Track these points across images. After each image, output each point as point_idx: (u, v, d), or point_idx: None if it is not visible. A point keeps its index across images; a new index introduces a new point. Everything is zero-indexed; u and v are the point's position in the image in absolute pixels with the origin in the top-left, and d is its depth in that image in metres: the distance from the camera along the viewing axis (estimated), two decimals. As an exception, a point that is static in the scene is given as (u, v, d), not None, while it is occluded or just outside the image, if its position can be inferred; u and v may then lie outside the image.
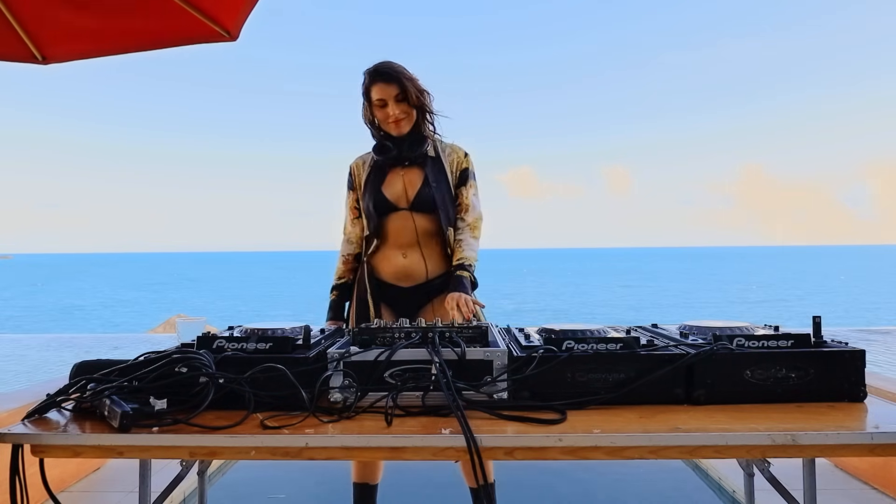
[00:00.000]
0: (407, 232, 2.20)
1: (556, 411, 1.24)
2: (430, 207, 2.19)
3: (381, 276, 2.24)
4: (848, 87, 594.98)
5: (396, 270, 2.21)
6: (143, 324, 21.12)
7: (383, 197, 2.21)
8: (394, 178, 2.24)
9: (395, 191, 2.22)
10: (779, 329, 1.46)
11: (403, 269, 2.20)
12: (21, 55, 2.43)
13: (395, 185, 2.23)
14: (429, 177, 2.21)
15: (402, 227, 2.20)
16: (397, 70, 2.15)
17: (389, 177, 2.24)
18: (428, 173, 2.21)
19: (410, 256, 2.20)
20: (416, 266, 2.20)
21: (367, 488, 2.22)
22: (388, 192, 2.22)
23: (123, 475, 3.01)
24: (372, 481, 2.23)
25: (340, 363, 1.31)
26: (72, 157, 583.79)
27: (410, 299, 2.21)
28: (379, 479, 2.25)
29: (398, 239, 2.21)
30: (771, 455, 1.15)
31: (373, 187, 2.25)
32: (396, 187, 2.22)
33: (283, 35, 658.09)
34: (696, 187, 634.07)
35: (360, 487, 2.22)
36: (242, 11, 2.30)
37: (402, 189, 2.21)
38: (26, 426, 1.20)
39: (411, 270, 2.20)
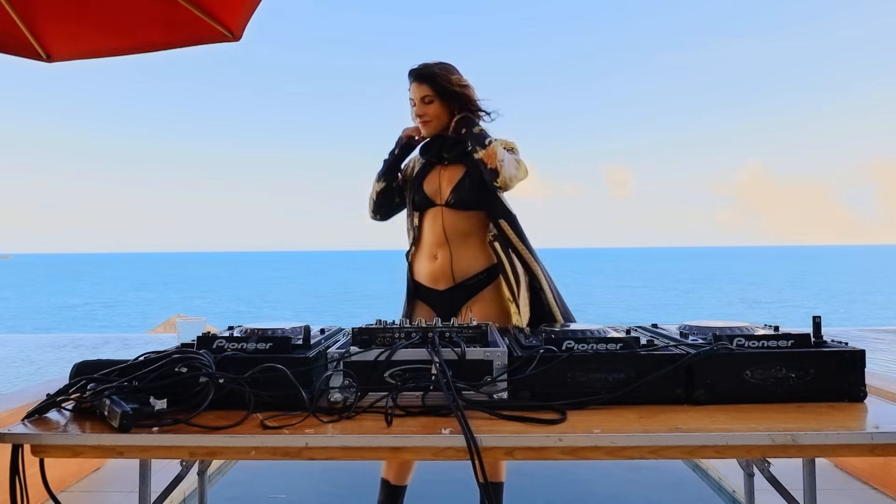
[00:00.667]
0: (438, 230, 2.19)
1: (556, 411, 1.24)
2: (466, 204, 2.17)
3: (418, 278, 2.25)
4: (848, 87, 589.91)
5: (430, 272, 2.21)
6: (143, 324, 21.13)
7: (423, 193, 2.23)
8: (433, 174, 2.26)
9: (433, 187, 2.23)
10: (779, 329, 1.46)
11: (434, 271, 2.20)
12: (26, 52, 2.44)
13: (433, 182, 2.24)
14: (469, 173, 2.17)
15: (435, 225, 2.20)
16: (432, 73, 2.16)
17: (431, 174, 2.26)
18: (469, 170, 2.18)
19: (441, 257, 2.19)
20: (445, 268, 2.18)
21: (397, 489, 2.18)
22: (427, 187, 2.24)
23: (123, 475, 3.01)
24: (403, 483, 2.20)
25: (340, 363, 1.31)
26: (72, 157, 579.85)
27: (446, 302, 2.19)
28: (407, 482, 2.21)
29: (431, 238, 2.21)
30: (771, 455, 1.15)
31: (415, 183, 2.28)
32: (434, 183, 2.24)
33: (283, 36, 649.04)
34: (697, 187, 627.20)
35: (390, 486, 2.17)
36: (246, 11, 2.30)
37: (438, 185, 2.22)
38: (26, 426, 1.20)
39: (442, 272, 2.18)
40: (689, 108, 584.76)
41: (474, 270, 2.18)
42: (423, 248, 2.24)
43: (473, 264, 2.18)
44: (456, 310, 2.19)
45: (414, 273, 2.27)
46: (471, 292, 2.18)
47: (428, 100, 2.17)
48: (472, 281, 2.18)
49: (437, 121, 2.20)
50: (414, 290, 2.27)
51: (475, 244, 2.19)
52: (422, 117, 2.19)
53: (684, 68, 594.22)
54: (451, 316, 2.06)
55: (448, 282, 2.18)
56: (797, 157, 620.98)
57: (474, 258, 2.19)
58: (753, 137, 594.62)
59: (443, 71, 2.17)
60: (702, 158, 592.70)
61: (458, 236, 2.18)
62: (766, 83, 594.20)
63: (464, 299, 2.18)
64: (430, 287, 2.22)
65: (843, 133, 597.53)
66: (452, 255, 2.17)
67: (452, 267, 2.17)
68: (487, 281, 2.19)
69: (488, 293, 2.18)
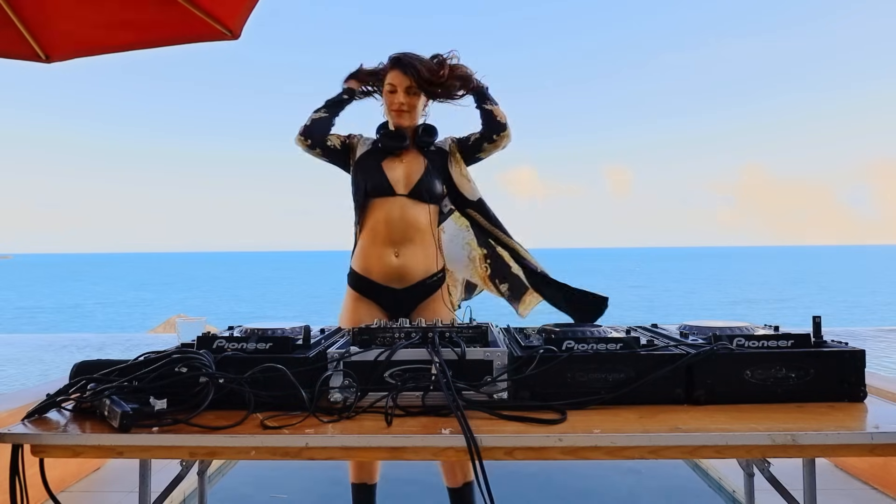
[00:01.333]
0: (401, 224, 2.09)
1: (556, 411, 1.24)
2: (428, 197, 2.13)
3: (369, 275, 2.14)
4: (848, 87, 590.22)
5: (387, 271, 2.11)
6: (143, 324, 21.13)
7: (382, 178, 2.11)
8: (393, 162, 2.17)
9: (395, 174, 2.14)
10: (779, 329, 1.46)
11: (395, 270, 2.11)
12: (25, 54, 2.44)
13: (395, 169, 2.15)
14: (430, 166, 2.16)
15: (397, 218, 2.10)
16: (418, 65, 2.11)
17: (389, 160, 2.17)
18: (430, 164, 2.17)
19: (404, 254, 2.10)
20: (411, 265, 2.11)
21: (365, 488, 2.20)
22: (389, 173, 2.14)
23: (123, 475, 3.01)
24: (370, 481, 2.21)
25: (340, 363, 1.31)
26: (72, 157, 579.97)
27: (402, 301, 2.13)
28: (377, 478, 2.23)
29: (386, 231, 2.10)
30: (771, 455, 1.15)
31: (369, 165, 2.15)
32: (396, 171, 2.15)
33: (283, 35, 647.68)
34: (697, 187, 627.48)
35: (359, 488, 2.21)
36: (244, 10, 2.30)
37: (403, 174, 2.15)
38: (26, 426, 1.20)
39: (406, 270, 2.11)
40: (689, 108, 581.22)
41: (434, 269, 2.16)
42: (377, 242, 2.11)
43: (432, 263, 2.15)
44: (409, 309, 2.13)
45: (360, 267, 2.15)
46: (428, 291, 2.15)
47: (412, 91, 2.14)
48: (430, 280, 2.15)
49: (413, 113, 2.18)
50: (359, 285, 2.15)
51: (431, 241, 2.15)
52: (401, 105, 2.14)
53: (684, 68, 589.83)
54: (404, 315, 2.08)
55: (409, 280, 2.12)
56: (797, 157, 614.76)
57: (432, 256, 2.15)
58: (753, 137, 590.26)
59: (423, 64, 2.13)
60: (702, 158, 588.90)
61: (417, 231, 2.12)
62: (766, 83, 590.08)
63: (420, 298, 2.15)
64: (384, 285, 2.12)
65: (843, 133, 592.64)
66: (414, 251, 2.11)
67: (415, 266, 2.12)
68: (442, 281, 2.19)
69: (439, 294, 2.18)
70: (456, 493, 2.18)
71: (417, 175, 2.14)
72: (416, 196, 2.12)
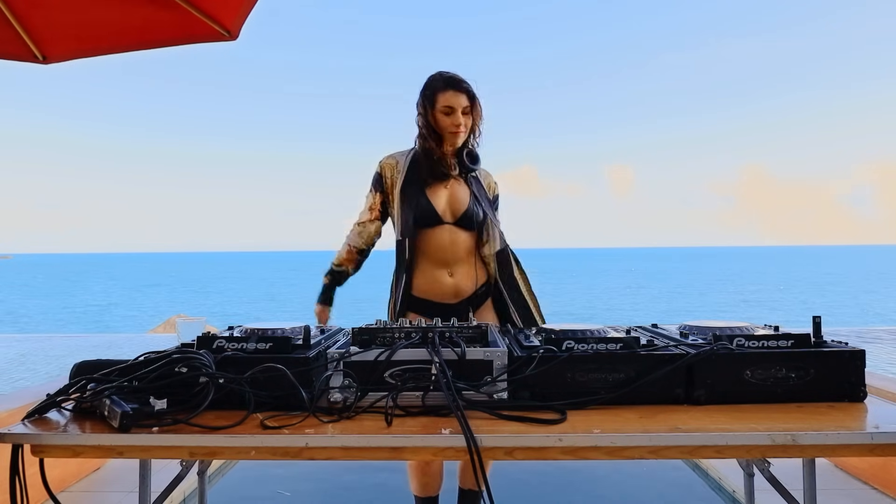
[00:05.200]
0: (452, 248, 2.18)
1: (556, 411, 1.24)
2: (474, 224, 2.20)
3: (419, 294, 2.19)
4: (848, 87, 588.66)
5: (444, 289, 2.18)
6: (143, 324, 21.12)
7: (429, 208, 2.16)
8: (438, 189, 2.20)
9: (441, 203, 2.19)
10: (779, 329, 1.46)
11: (451, 287, 2.19)
12: (22, 55, 2.44)
13: (441, 197, 2.19)
14: (476, 194, 2.23)
15: (447, 242, 2.17)
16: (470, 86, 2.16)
17: (434, 187, 2.19)
18: (475, 191, 2.23)
19: (458, 274, 2.19)
20: (464, 283, 2.20)
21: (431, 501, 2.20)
22: (436, 203, 2.17)
23: (123, 475, 3.01)
24: (434, 493, 2.21)
25: (340, 363, 1.31)
26: (72, 157, 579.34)
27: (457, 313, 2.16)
28: (439, 489, 2.22)
29: (441, 255, 2.17)
30: (771, 455, 1.15)
31: (415, 195, 2.18)
32: (442, 200, 2.19)
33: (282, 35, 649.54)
34: (697, 187, 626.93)
35: (424, 501, 2.20)
36: (243, 10, 2.30)
37: (447, 202, 2.20)
38: (26, 426, 1.20)
39: (460, 288, 2.19)
40: (689, 108, 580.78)
41: (480, 283, 2.23)
42: (430, 265, 2.18)
43: (479, 277, 2.23)
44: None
45: (418, 291, 2.20)
46: (478, 303, 2.23)
47: (467, 111, 2.16)
48: (480, 291, 2.23)
49: (466, 133, 2.19)
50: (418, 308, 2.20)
51: (477, 258, 2.24)
52: (458, 127, 2.14)
53: (684, 68, 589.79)
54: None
55: (459, 296, 2.20)
56: (797, 158, 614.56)
57: (480, 270, 2.24)
58: (753, 137, 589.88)
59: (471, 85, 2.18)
60: (702, 158, 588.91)
61: (467, 252, 2.21)
62: (766, 83, 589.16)
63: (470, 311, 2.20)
64: (437, 302, 2.19)
65: (843, 133, 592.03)
66: (466, 270, 2.21)
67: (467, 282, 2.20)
68: (489, 292, 2.26)
69: (489, 302, 2.25)
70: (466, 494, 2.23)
71: (464, 205, 2.21)
72: (462, 225, 2.20)
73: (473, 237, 2.22)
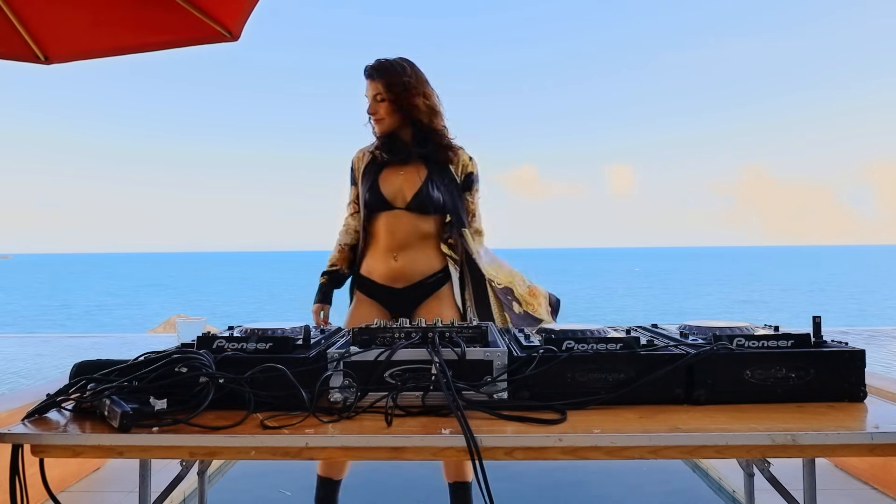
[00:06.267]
0: (400, 232, 2.19)
1: (556, 411, 1.24)
2: (427, 208, 2.18)
3: (371, 276, 2.25)
4: (848, 87, 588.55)
5: (387, 272, 2.21)
6: (143, 324, 21.12)
7: (380, 195, 2.19)
8: (391, 175, 2.22)
9: (392, 189, 2.20)
10: (779, 329, 1.46)
11: (394, 271, 2.20)
12: (24, 55, 2.44)
13: (393, 183, 2.21)
14: (432, 178, 2.20)
15: (396, 227, 2.19)
16: (386, 69, 2.15)
17: (387, 173, 2.22)
18: (431, 173, 2.20)
19: (402, 258, 2.19)
20: (408, 268, 2.20)
21: (330, 483, 2.26)
22: (385, 189, 2.20)
23: (123, 475, 3.01)
24: (336, 476, 2.26)
25: (340, 363, 1.31)
26: (72, 157, 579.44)
27: (405, 299, 2.21)
28: (344, 475, 2.27)
29: (390, 239, 2.20)
30: (771, 455, 1.15)
31: (369, 182, 2.23)
32: (394, 185, 2.21)
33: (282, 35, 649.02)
34: (697, 187, 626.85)
35: (324, 481, 2.25)
36: (244, 11, 2.30)
37: (399, 187, 2.20)
38: (26, 426, 1.20)
39: (403, 272, 2.20)
40: (689, 108, 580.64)
41: (432, 270, 2.23)
42: (379, 248, 2.23)
43: (432, 264, 2.23)
44: (412, 307, 2.22)
45: (364, 270, 2.27)
46: (428, 291, 2.22)
47: (379, 98, 2.16)
48: (430, 280, 2.22)
49: (390, 119, 2.19)
50: (362, 286, 2.27)
51: (433, 245, 2.23)
52: (374, 115, 2.19)
53: (684, 68, 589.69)
54: (406, 313, 2.18)
55: (407, 280, 2.21)
56: (797, 158, 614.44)
57: (434, 258, 2.23)
58: (753, 137, 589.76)
59: (394, 68, 2.16)
60: (702, 158, 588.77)
61: (418, 238, 2.20)
62: (766, 83, 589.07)
63: (421, 297, 2.22)
64: (386, 285, 2.22)
65: (843, 133, 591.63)
66: (413, 256, 2.20)
67: (414, 268, 2.20)
68: (444, 280, 2.24)
69: (444, 291, 2.24)
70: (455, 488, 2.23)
71: (414, 188, 2.19)
72: (414, 209, 2.18)
73: (430, 222, 2.21)
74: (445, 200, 2.20)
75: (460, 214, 2.23)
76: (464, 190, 2.28)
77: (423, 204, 2.17)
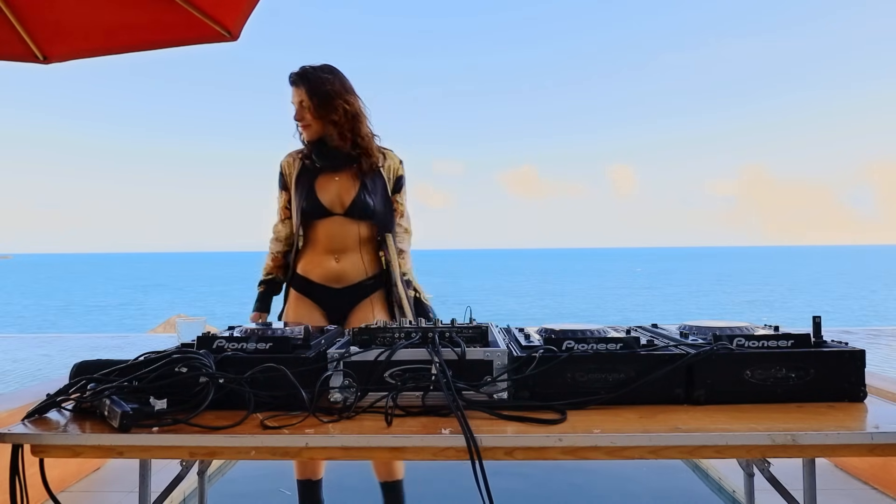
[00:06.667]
0: (340, 237, 2.22)
1: (556, 411, 1.24)
2: (365, 214, 2.22)
3: (309, 277, 2.27)
4: (848, 87, 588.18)
5: (327, 274, 2.24)
6: (143, 324, 21.12)
7: (318, 202, 2.22)
8: (327, 182, 2.24)
9: (330, 196, 2.23)
10: (779, 329, 1.46)
11: (335, 272, 2.23)
12: (22, 55, 2.44)
13: (329, 190, 2.23)
14: (366, 184, 2.23)
15: (336, 233, 2.22)
16: (309, 76, 2.17)
17: (322, 180, 2.24)
18: (364, 180, 2.23)
19: (343, 261, 2.23)
20: (350, 270, 2.23)
21: (309, 484, 2.31)
22: (323, 196, 2.22)
23: (123, 475, 3.01)
24: (314, 477, 2.31)
25: (340, 363, 1.31)
26: (72, 157, 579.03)
27: (342, 300, 2.25)
28: (321, 474, 2.33)
29: (330, 244, 2.23)
30: (771, 455, 1.15)
31: (305, 190, 2.24)
32: (331, 192, 2.23)
33: (282, 36, 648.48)
34: (697, 187, 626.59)
35: (303, 484, 2.31)
36: (243, 12, 2.30)
37: (337, 194, 2.23)
38: (26, 426, 1.20)
39: (343, 274, 2.23)
40: (689, 108, 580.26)
41: (369, 273, 2.26)
42: (318, 251, 2.25)
43: (369, 267, 2.26)
44: (347, 308, 2.26)
45: (301, 270, 2.29)
46: (363, 293, 2.26)
47: (304, 104, 2.19)
48: (367, 282, 2.26)
49: (316, 125, 2.21)
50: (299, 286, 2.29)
51: (369, 249, 2.26)
52: (301, 121, 2.22)
53: (684, 68, 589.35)
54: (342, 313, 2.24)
55: (346, 282, 2.24)
56: (797, 158, 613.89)
57: (370, 262, 2.27)
58: (753, 137, 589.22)
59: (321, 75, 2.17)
60: (702, 158, 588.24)
61: (356, 242, 2.24)
62: (766, 83, 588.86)
63: (357, 299, 2.25)
64: (324, 285, 2.25)
65: (843, 133, 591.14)
66: (352, 259, 2.24)
67: (352, 270, 2.23)
68: (378, 283, 2.28)
69: (378, 295, 2.27)
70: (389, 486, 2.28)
71: (351, 195, 2.22)
72: (352, 215, 2.22)
73: (366, 227, 2.24)
74: (377, 207, 2.24)
75: (387, 221, 2.27)
76: (394, 192, 2.32)
77: (360, 210, 2.21)
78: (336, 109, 2.16)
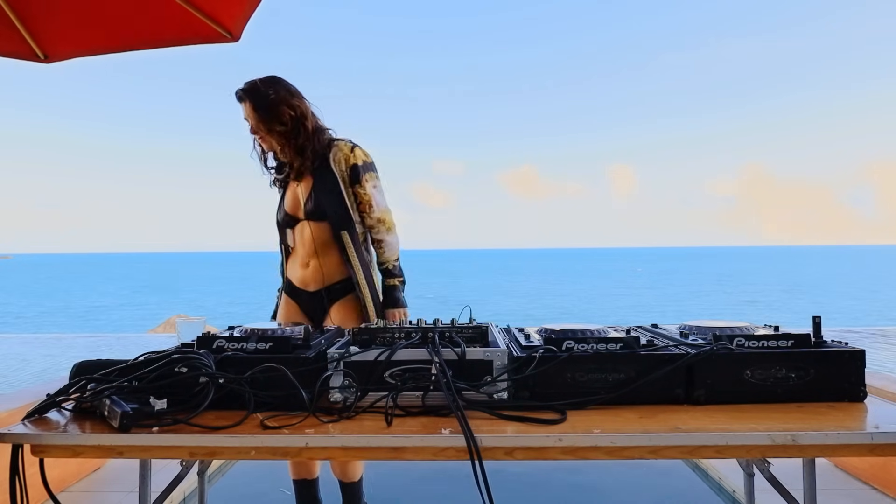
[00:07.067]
0: (307, 241, 2.30)
1: (556, 411, 1.24)
2: (320, 215, 2.25)
3: (292, 280, 2.38)
4: (848, 87, 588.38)
5: (301, 277, 2.34)
6: (143, 324, 21.12)
7: (284, 211, 2.35)
8: (291, 190, 2.35)
9: (293, 203, 2.33)
10: (779, 329, 1.46)
11: (306, 276, 2.33)
12: (24, 53, 2.44)
13: (292, 198, 2.34)
14: (315, 185, 2.26)
15: (303, 237, 2.32)
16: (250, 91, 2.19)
17: (290, 187, 2.35)
18: (315, 181, 2.26)
19: (311, 265, 2.31)
20: (314, 274, 2.30)
21: (306, 483, 2.35)
22: (288, 205, 2.35)
23: (123, 475, 3.01)
24: (310, 476, 2.35)
25: (340, 363, 1.31)
26: (72, 157, 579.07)
27: (316, 303, 2.33)
28: (317, 473, 2.37)
29: (301, 248, 2.34)
30: (771, 455, 1.15)
31: (278, 201, 2.41)
32: (293, 199, 2.33)
33: (282, 36, 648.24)
34: (697, 187, 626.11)
35: (300, 483, 2.35)
36: (244, 12, 2.30)
37: (298, 200, 2.31)
38: (26, 426, 1.20)
39: (314, 277, 2.31)
40: (689, 108, 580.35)
41: (338, 277, 2.30)
42: (296, 257, 2.36)
43: (337, 271, 2.30)
44: (322, 309, 2.33)
45: (288, 274, 2.41)
46: (336, 296, 2.31)
47: (252, 119, 2.23)
48: (337, 286, 2.30)
49: (270, 137, 2.24)
50: (286, 288, 2.41)
51: (339, 249, 2.27)
52: (256, 135, 2.27)
53: (684, 68, 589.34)
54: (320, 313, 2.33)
55: (317, 285, 2.32)
56: (797, 158, 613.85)
57: (338, 265, 2.29)
58: (753, 137, 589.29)
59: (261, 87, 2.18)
60: (702, 158, 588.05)
61: (324, 246, 2.29)
62: (766, 83, 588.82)
63: (330, 301, 2.31)
64: (301, 288, 2.35)
65: (843, 133, 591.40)
66: (321, 263, 2.29)
67: (323, 273, 2.29)
68: (350, 286, 2.30)
69: (352, 296, 2.31)
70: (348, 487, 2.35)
71: (304, 198, 2.30)
72: (313, 217, 2.27)
73: (326, 229, 2.27)
74: (326, 206, 2.23)
75: (343, 219, 2.24)
76: (353, 184, 2.25)
77: (316, 212, 2.25)
78: (282, 116, 2.19)
